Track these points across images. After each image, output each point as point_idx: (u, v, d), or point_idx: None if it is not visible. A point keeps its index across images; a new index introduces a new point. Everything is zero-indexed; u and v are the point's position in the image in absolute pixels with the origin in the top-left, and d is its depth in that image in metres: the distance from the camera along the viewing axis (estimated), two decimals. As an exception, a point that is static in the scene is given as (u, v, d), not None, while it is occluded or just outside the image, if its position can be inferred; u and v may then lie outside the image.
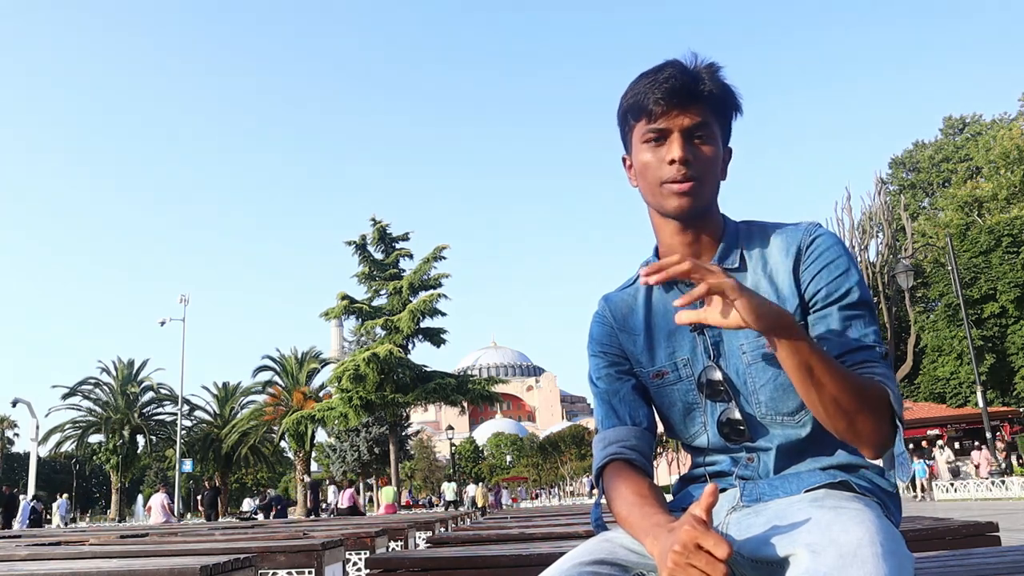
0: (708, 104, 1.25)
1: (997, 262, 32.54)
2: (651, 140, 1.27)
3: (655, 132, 1.26)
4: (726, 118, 1.30)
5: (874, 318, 1.24)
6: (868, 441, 1.12)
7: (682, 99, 1.23)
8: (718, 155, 1.27)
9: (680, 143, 1.24)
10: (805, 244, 1.26)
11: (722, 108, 1.28)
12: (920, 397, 34.89)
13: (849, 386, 1.08)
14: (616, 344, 1.39)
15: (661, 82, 1.24)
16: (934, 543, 2.24)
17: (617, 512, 1.23)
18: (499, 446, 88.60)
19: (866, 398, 1.10)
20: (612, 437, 1.33)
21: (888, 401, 1.12)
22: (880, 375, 1.15)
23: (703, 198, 1.26)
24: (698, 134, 1.25)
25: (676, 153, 1.23)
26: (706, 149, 1.25)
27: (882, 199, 35.70)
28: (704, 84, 1.25)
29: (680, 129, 1.24)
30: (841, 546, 0.94)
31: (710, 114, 1.26)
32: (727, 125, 1.31)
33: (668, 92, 1.23)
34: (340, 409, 30.26)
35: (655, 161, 1.26)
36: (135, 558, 3.14)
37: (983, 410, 21.13)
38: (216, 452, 45.02)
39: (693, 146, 1.25)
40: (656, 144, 1.26)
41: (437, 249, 32.94)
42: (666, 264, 1.06)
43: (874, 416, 1.11)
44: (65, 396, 44.47)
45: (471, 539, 3.40)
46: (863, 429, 1.11)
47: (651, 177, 1.27)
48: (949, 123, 50.18)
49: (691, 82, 1.24)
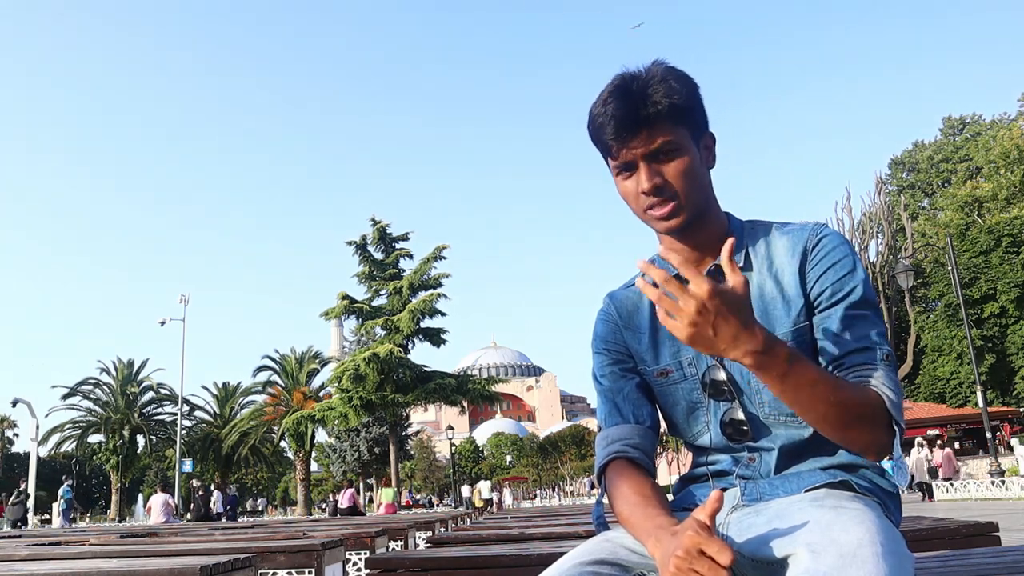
0: (664, 119, 1.21)
1: (997, 262, 32.55)
2: (621, 172, 1.27)
3: (621, 166, 1.25)
4: (689, 117, 1.25)
5: (879, 318, 1.24)
6: (864, 449, 1.14)
7: (634, 128, 1.21)
8: (692, 161, 1.24)
9: (646, 172, 1.22)
10: (811, 244, 1.26)
11: (680, 113, 1.22)
12: (920, 397, 34.91)
13: (838, 403, 1.09)
14: (621, 342, 1.39)
15: (609, 118, 1.22)
16: (934, 543, 2.24)
17: (619, 511, 1.23)
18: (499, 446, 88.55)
19: (859, 411, 1.10)
20: (615, 435, 1.33)
21: (885, 408, 1.12)
22: (878, 379, 1.15)
23: (688, 212, 1.25)
24: (663, 152, 1.22)
25: (644, 185, 1.23)
26: (676, 164, 1.23)
27: (882, 199, 35.72)
28: (651, 103, 1.20)
29: (642, 157, 1.22)
30: (841, 546, 0.95)
31: (669, 127, 1.21)
32: (694, 121, 1.26)
33: (617, 127, 1.21)
34: (340, 409, 30.28)
35: (632, 192, 1.26)
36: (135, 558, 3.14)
37: (983, 410, 21.13)
38: (216, 452, 45.01)
39: (661, 167, 1.23)
40: (627, 175, 1.26)
41: (437, 249, 32.96)
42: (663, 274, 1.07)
43: (868, 427, 1.11)
44: (65, 396, 44.47)
45: (471, 539, 3.40)
46: (857, 440, 1.13)
47: (634, 206, 1.28)
48: (949, 123, 50.20)
49: (637, 108, 1.20)
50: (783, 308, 1.25)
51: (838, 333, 1.20)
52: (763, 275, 1.28)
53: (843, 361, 1.18)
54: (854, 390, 1.12)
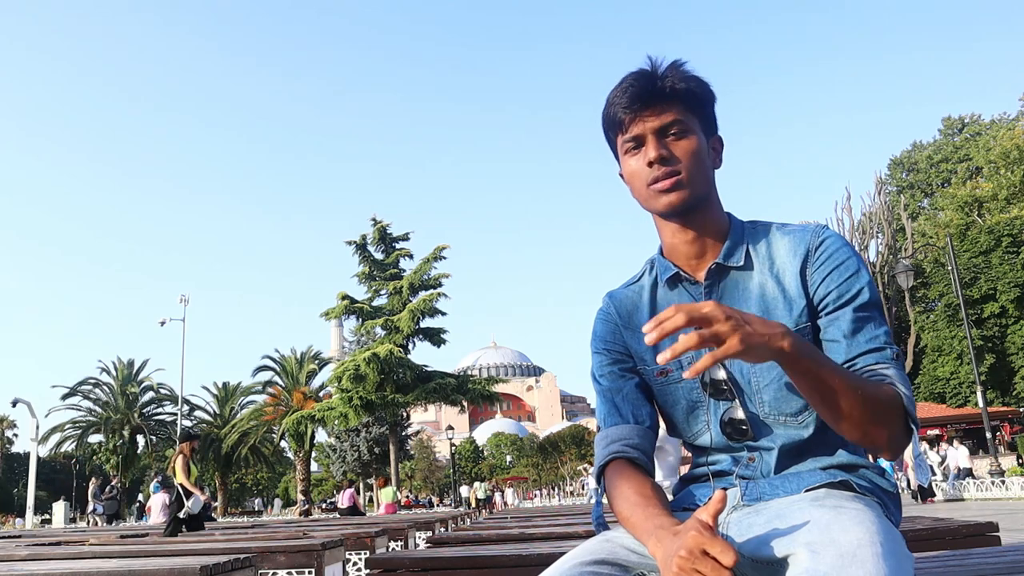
0: (676, 100, 1.26)
1: (997, 262, 32.51)
2: (630, 149, 1.29)
3: (631, 141, 1.28)
4: (701, 108, 1.29)
5: (884, 318, 1.25)
6: (884, 447, 1.14)
7: (647, 101, 1.25)
8: (700, 147, 1.27)
9: (654, 144, 1.26)
10: (813, 246, 1.26)
11: (693, 100, 1.27)
12: (920, 397, 34.86)
13: (859, 401, 1.08)
14: (620, 341, 1.39)
15: (624, 91, 1.27)
16: (934, 543, 2.24)
17: (619, 511, 1.22)
18: (499, 446, 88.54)
19: (878, 408, 1.10)
20: (615, 435, 1.33)
21: (902, 406, 1.13)
22: (892, 378, 1.15)
23: (691, 191, 1.26)
24: (672, 131, 1.26)
25: (651, 154, 1.25)
26: (684, 144, 1.26)
27: (882, 199, 35.74)
28: (667, 81, 1.26)
29: (652, 131, 1.26)
30: (841, 546, 0.94)
31: (681, 109, 1.26)
32: (705, 115, 1.30)
33: (631, 98, 1.26)
34: (340, 409, 30.28)
35: (638, 167, 1.28)
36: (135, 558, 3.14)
37: (983, 410, 21.12)
38: (216, 452, 45.02)
39: (669, 143, 1.26)
40: (635, 152, 1.29)
41: (437, 249, 32.98)
42: (662, 319, 1.02)
43: (887, 424, 1.12)
44: (65, 396, 44.51)
45: (471, 539, 3.39)
46: (878, 438, 1.12)
47: (638, 183, 1.29)
48: (948, 123, 50.18)
49: (652, 83, 1.26)
50: (784, 308, 1.25)
51: (849, 335, 1.20)
52: (764, 275, 1.28)
53: (855, 362, 1.19)
54: (877, 388, 1.12)
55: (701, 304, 1.02)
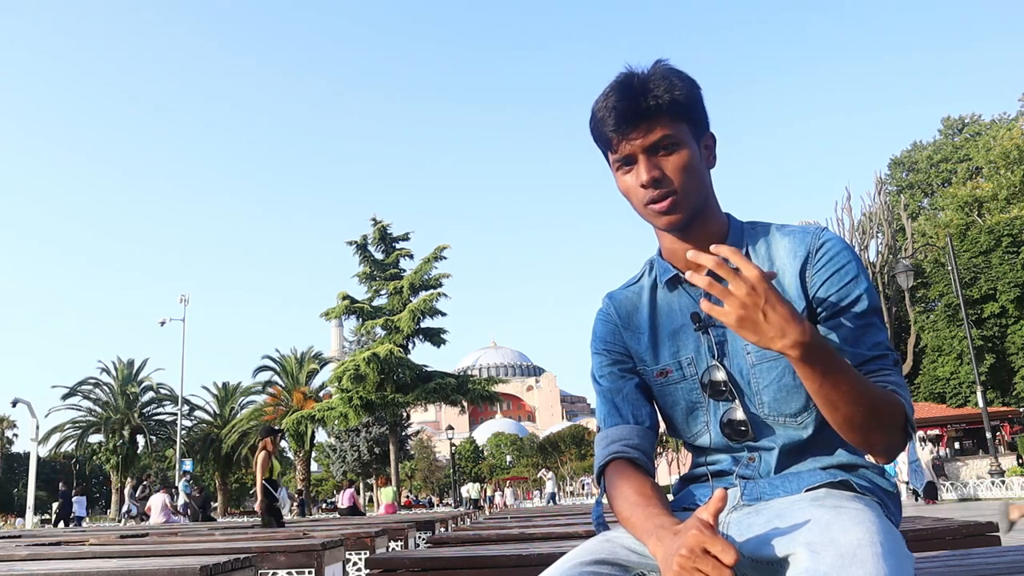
0: (664, 113, 1.22)
1: (997, 262, 32.50)
2: (621, 167, 1.27)
3: (621, 160, 1.26)
4: (690, 113, 1.26)
5: (883, 323, 1.25)
6: (880, 451, 1.15)
7: (633, 121, 1.22)
8: (692, 158, 1.25)
9: (645, 164, 1.23)
10: (814, 248, 1.26)
11: (681, 108, 1.24)
12: (920, 397, 34.84)
13: (864, 405, 1.09)
14: (620, 342, 1.39)
15: (610, 110, 1.24)
16: (934, 543, 2.24)
17: (619, 511, 1.23)
18: (499, 446, 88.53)
19: (881, 414, 1.11)
20: (614, 435, 1.33)
21: (904, 412, 1.14)
22: (894, 384, 1.16)
23: (688, 206, 1.25)
24: (663, 146, 1.23)
25: (643, 177, 1.23)
26: (675, 158, 1.23)
27: (882, 199, 35.70)
28: (652, 96, 1.22)
29: (642, 150, 1.23)
30: (841, 546, 0.95)
31: (669, 121, 1.23)
32: (693, 119, 1.27)
33: (618, 119, 1.23)
34: (340, 409, 30.27)
35: (632, 186, 1.27)
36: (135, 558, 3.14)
37: (983, 410, 21.13)
38: (216, 452, 45.01)
39: (660, 160, 1.23)
40: (627, 169, 1.27)
41: (437, 249, 32.97)
42: (707, 258, 1.07)
43: (887, 430, 1.13)
44: (65, 396, 44.48)
45: (471, 539, 3.39)
46: (876, 442, 1.13)
47: (634, 201, 1.28)
48: (948, 123, 50.17)
49: (638, 101, 1.22)
50: None
51: (847, 341, 1.21)
52: None
53: (859, 369, 1.19)
54: (883, 394, 1.13)
55: (748, 267, 1.03)
